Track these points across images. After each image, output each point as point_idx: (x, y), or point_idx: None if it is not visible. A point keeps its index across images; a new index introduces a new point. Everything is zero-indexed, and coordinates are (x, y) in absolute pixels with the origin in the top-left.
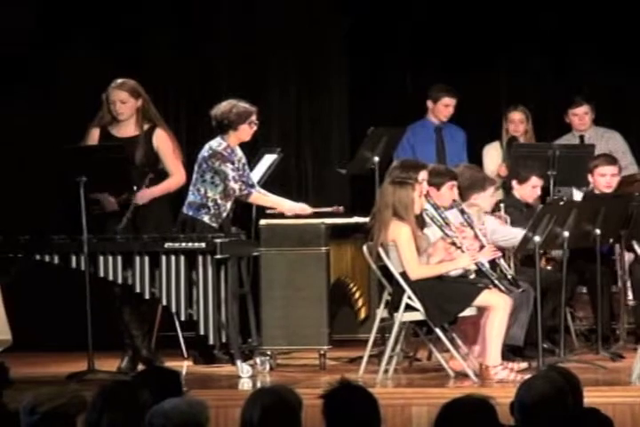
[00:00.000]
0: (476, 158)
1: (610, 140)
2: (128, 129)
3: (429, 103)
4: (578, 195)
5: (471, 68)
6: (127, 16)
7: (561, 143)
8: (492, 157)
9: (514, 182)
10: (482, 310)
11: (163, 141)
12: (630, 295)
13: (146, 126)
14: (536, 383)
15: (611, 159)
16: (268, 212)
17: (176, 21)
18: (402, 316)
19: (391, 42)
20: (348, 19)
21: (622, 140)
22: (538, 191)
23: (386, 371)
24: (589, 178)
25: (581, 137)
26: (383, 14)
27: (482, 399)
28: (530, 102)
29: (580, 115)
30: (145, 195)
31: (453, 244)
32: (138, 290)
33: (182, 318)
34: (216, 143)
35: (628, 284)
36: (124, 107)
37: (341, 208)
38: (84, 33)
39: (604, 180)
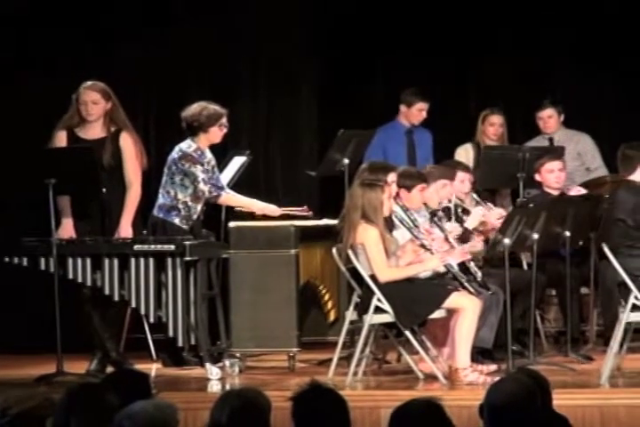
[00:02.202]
0: (447, 160)
1: (579, 143)
2: (95, 131)
3: (402, 107)
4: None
5: (441, 71)
6: (96, 17)
7: (531, 145)
8: (462, 158)
9: None
10: (451, 313)
11: (127, 145)
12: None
13: (112, 129)
14: (505, 386)
15: (555, 155)
16: (237, 209)
17: (146, 23)
18: (371, 318)
19: (361, 44)
20: (319, 22)
21: (592, 142)
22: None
23: (355, 373)
24: (537, 178)
25: (551, 139)
26: (353, 16)
27: (428, 400)
28: (500, 104)
29: (545, 118)
30: (124, 228)
31: (422, 246)
32: (107, 292)
33: (151, 321)
34: (186, 145)
35: None
36: (96, 108)
37: (310, 212)
38: (54, 33)
39: (553, 176)
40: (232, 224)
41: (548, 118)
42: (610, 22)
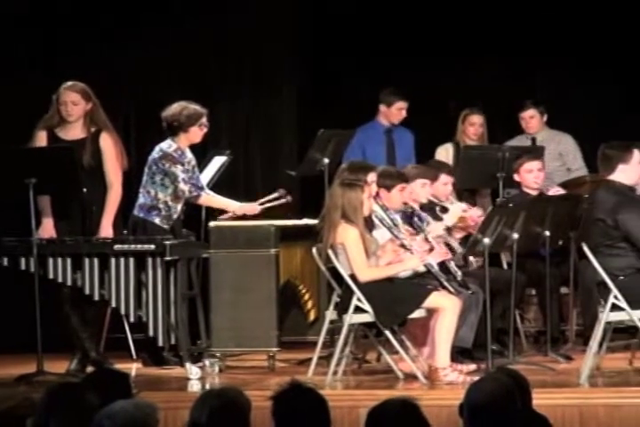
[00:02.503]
0: (427, 159)
1: (561, 143)
2: (75, 131)
3: (382, 107)
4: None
5: (420, 71)
6: (71, 16)
7: (511, 145)
8: (442, 158)
9: None
10: (431, 312)
11: (108, 146)
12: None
13: (92, 129)
14: (484, 385)
15: (534, 155)
16: (222, 217)
17: (125, 22)
18: (351, 318)
19: (341, 45)
20: (304, 21)
21: (574, 143)
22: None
23: (335, 373)
24: (516, 178)
25: (533, 139)
26: (333, 17)
27: (404, 400)
28: (479, 104)
29: (527, 118)
30: (106, 228)
31: (402, 245)
32: (87, 292)
33: (131, 320)
34: (166, 145)
35: None
36: (76, 108)
37: (289, 197)
38: (30, 33)
39: (532, 176)
40: (212, 224)
41: (530, 119)
42: (593, 22)
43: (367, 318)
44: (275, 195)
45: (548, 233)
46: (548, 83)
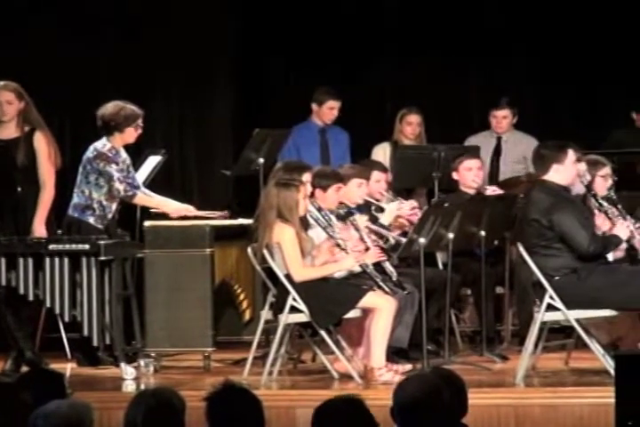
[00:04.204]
0: (364, 159)
1: (526, 146)
2: (9, 131)
3: (314, 106)
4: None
5: (355, 70)
6: (10, 15)
7: (451, 145)
8: (380, 157)
9: None
10: (366, 312)
11: (41, 145)
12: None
13: (26, 128)
14: (409, 384)
15: (473, 154)
16: (153, 211)
17: (60, 22)
18: (286, 318)
19: (275, 44)
20: (235, 21)
21: None
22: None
23: (270, 373)
24: (455, 176)
25: (499, 138)
26: (268, 17)
27: (350, 397)
28: (416, 103)
29: (499, 117)
30: (38, 228)
31: (338, 245)
32: (22, 292)
33: (66, 320)
34: (101, 144)
35: None
36: (10, 108)
37: (226, 213)
38: None
39: (472, 174)
40: (147, 223)
41: (503, 118)
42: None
43: (302, 317)
44: (213, 215)
45: (483, 233)
46: (486, 83)
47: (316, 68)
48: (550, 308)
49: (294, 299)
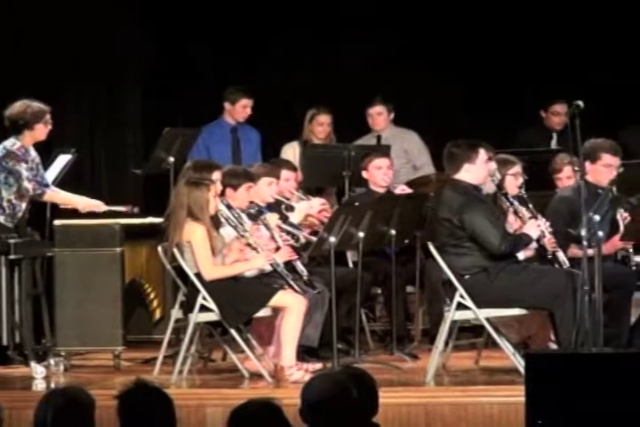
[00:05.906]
0: (274, 157)
1: (405, 140)
2: None
3: (227, 105)
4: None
5: (268, 69)
6: None
7: (358, 144)
8: (289, 156)
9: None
10: (277, 311)
11: None
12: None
13: None
14: (315, 383)
15: (382, 153)
16: (62, 207)
17: None
18: (196, 316)
19: (189, 41)
20: (144, 19)
21: (419, 139)
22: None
23: (180, 372)
24: (365, 175)
25: (378, 137)
26: (178, 14)
27: (267, 401)
28: (326, 103)
29: (374, 115)
30: None
31: (248, 244)
32: None
33: None
34: (10, 143)
35: None
36: None
37: (136, 209)
38: None
39: (381, 172)
40: (57, 222)
41: (378, 115)
42: (436, 23)
43: (213, 316)
44: (122, 209)
45: (393, 232)
46: (392, 81)
47: (226, 68)
48: (460, 307)
49: (204, 298)
